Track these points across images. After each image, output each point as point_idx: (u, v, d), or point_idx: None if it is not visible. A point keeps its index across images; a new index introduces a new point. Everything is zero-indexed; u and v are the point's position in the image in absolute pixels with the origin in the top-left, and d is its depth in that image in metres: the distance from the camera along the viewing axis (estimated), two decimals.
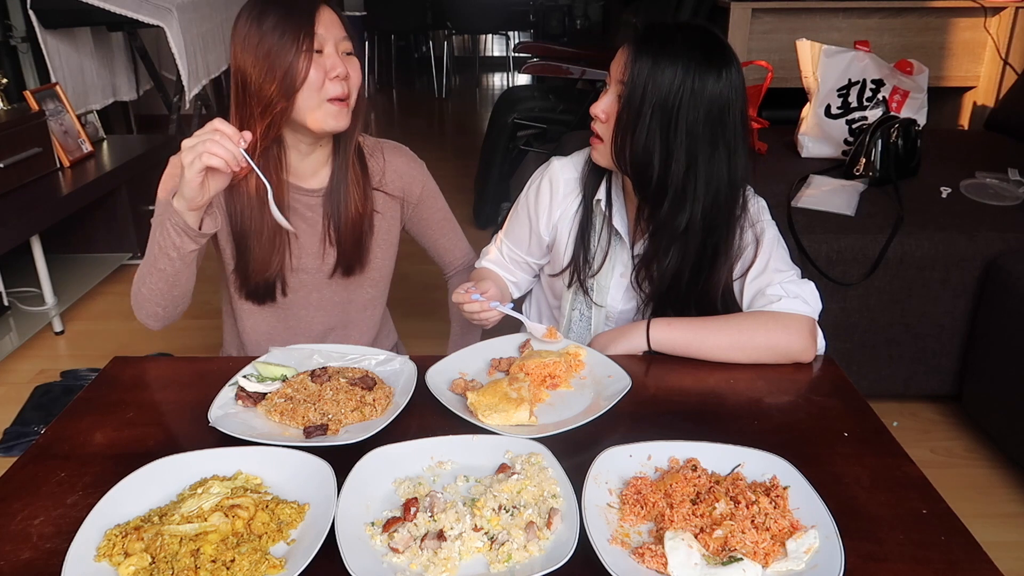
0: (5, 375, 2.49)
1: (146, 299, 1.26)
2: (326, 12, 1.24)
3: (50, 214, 2.58)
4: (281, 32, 1.20)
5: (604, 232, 1.36)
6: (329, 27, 1.23)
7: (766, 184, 2.19)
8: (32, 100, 2.79)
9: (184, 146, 1.11)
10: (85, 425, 1.04)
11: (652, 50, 1.16)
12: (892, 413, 2.20)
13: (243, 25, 1.23)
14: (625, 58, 1.18)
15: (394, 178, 1.44)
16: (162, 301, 1.26)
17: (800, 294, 1.22)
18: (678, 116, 1.16)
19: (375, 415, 1.04)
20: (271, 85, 1.20)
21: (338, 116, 1.25)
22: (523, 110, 3.50)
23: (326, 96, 1.23)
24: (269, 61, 1.20)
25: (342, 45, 1.25)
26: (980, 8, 3.03)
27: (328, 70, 1.22)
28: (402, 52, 8.07)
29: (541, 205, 1.39)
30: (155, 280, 1.23)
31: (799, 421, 1.06)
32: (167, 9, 3.21)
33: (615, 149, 1.22)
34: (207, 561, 0.77)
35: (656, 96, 1.15)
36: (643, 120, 1.17)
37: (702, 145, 1.18)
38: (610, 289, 1.38)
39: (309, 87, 1.22)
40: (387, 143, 1.48)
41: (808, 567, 0.77)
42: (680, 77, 1.15)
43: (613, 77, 1.21)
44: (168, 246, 1.19)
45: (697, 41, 1.17)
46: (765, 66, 2.57)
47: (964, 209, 2.11)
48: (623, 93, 1.18)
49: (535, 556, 0.79)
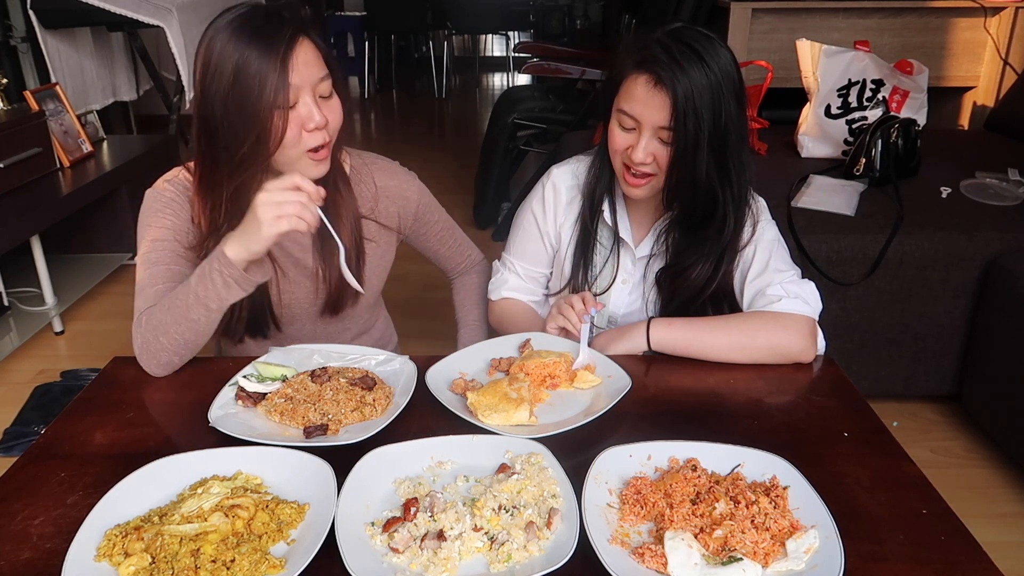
0: (5, 375, 2.49)
1: (164, 348, 1.14)
2: (302, 51, 1.10)
3: (50, 214, 2.58)
4: (254, 83, 1.07)
5: (610, 242, 1.35)
6: (306, 70, 1.11)
7: (766, 184, 2.17)
8: (32, 100, 2.79)
9: (264, 201, 1.05)
10: (85, 425, 1.04)
11: (687, 78, 1.11)
12: (892, 413, 2.19)
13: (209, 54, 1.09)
14: (663, 101, 1.12)
15: (387, 205, 1.37)
16: (183, 351, 1.16)
17: (800, 294, 1.22)
18: (727, 128, 1.14)
19: (375, 415, 1.04)
20: (241, 146, 1.11)
21: (317, 166, 1.17)
22: (523, 110, 3.50)
23: (304, 149, 1.14)
24: (241, 118, 1.09)
25: (320, 88, 1.13)
26: (980, 8, 3.03)
27: (304, 122, 1.12)
28: (402, 52, 8.07)
29: (548, 213, 1.38)
30: (183, 331, 1.13)
31: (799, 421, 1.06)
32: (167, 9, 3.21)
33: (672, 189, 1.19)
34: (207, 561, 0.77)
35: (708, 122, 1.12)
36: (701, 153, 1.14)
37: (739, 142, 1.17)
38: (611, 296, 1.38)
39: (284, 145, 1.12)
40: (376, 163, 1.38)
41: (808, 567, 0.77)
42: (715, 87, 1.12)
43: (646, 122, 1.15)
44: (210, 297, 1.11)
45: (701, 42, 1.14)
46: (765, 66, 2.57)
47: (964, 209, 2.11)
48: (676, 138, 1.14)
49: (535, 556, 0.79)
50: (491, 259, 1.54)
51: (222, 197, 1.19)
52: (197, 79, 1.13)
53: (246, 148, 1.12)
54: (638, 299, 1.38)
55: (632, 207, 1.35)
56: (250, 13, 1.12)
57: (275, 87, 1.08)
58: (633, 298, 1.38)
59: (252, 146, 1.11)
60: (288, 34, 1.09)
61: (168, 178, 1.28)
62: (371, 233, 1.36)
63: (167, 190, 1.26)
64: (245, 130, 1.11)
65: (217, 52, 1.09)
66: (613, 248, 1.35)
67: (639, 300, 1.38)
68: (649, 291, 1.36)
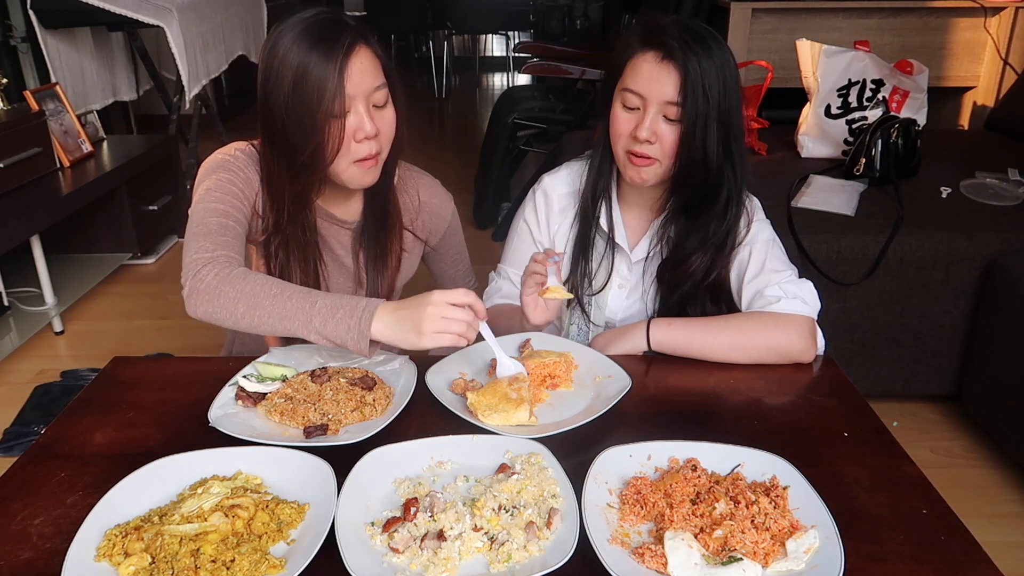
0: (5, 375, 2.49)
1: (233, 315, 1.03)
2: (358, 59, 1.10)
3: (50, 214, 2.58)
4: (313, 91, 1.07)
5: (606, 248, 1.35)
6: (360, 79, 1.10)
7: (766, 184, 2.18)
8: (32, 100, 2.79)
9: (432, 315, 0.97)
10: (85, 425, 1.04)
11: (694, 54, 1.12)
12: (892, 413, 2.19)
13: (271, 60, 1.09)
14: (671, 75, 1.13)
15: (426, 219, 1.38)
16: (243, 327, 1.05)
17: (799, 294, 1.22)
18: (731, 111, 1.15)
19: (375, 415, 1.04)
20: (301, 154, 1.11)
21: (365, 176, 1.17)
22: (523, 110, 3.50)
23: (353, 158, 1.14)
24: (301, 126, 1.09)
25: (374, 97, 1.13)
26: (980, 8, 3.03)
27: (355, 131, 1.11)
28: (402, 52, 8.07)
29: (541, 221, 1.38)
30: (263, 323, 1.03)
31: (799, 421, 1.06)
32: (167, 9, 3.21)
33: (680, 168, 1.19)
34: (207, 561, 0.77)
35: (716, 100, 1.13)
36: (710, 131, 1.15)
37: (741, 132, 1.18)
38: (608, 301, 1.37)
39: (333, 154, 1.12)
40: (422, 178, 1.39)
41: (808, 567, 0.77)
42: (721, 70, 1.13)
43: (652, 98, 1.15)
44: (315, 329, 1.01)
45: (703, 31, 1.17)
46: (765, 66, 2.57)
47: (964, 209, 2.11)
48: (685, 113, 1.14)
49: (535, 556, 0.79)
50: (492, 259, 1.54)
51: (284, 200, 1.19)
52: (260, 83, 1.13)
53: (305, 156, 1.11)
54: (636, 302, 1.37)
55: (627, 210, 1.34)
56: (313, 19, 1.11)
57: (332, 95, 1.07)
58: (631, 302, 1.37)
59: (311, 154, 1.11)
60: (347, 41, 1.09)
61: (240, 147, 1.24)
62: (407, 244, 1.38)
63: (239, 156, 1.22)
64: (305, 138, 1.10)
65: (279, 58, 1.09)
66: (606, 252, 1.35)
67: (638, 303, 1.37)
68: (649, 291, 1.36)
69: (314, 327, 1.01)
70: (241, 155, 1.22)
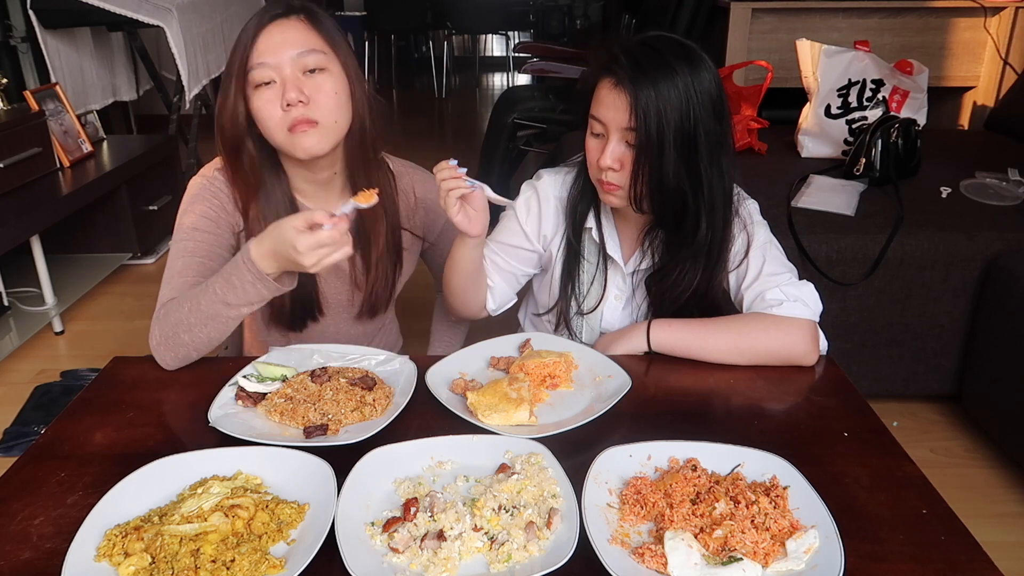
0: (5, 375, 2.49)
1: (185, 345, 1.12)
2: (278, 29, 1.11)
3: (50, 214, 2.58)
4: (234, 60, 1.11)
5: (598, 261, 1.33)
6: (281, 48, 1.10)
7: (766, 184, 2.19)
8: (32, 100, 2.79)
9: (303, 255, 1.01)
10: (85, 425, 1.04)
11: (648, 79, 1.10)
12: (892, 413, 2.19)
13: None
14: (624, 101, 1.11)
15: (423, 215, 1.37)
16: (204, 349, 1.15)
17: (800, 297, 1.21)
18: (695, 133, 1.12)
19: (375, 415, 1.04)
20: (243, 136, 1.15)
21: (305, 139, 1.13)
22: (523, 110, 3.50)
23: (286, 125, 1.12)
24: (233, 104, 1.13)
25: (304, 60, 1.11)
26: (980, 8, 3.03)
27: (281, 97, 1.11)
28: (402, 52, 8.07)
29: (531, 215, 1.35)
30: (210, 331, 1.11)
31: (799, 421, 1.06)
32: (167, 9, 3.21)
33: (637, 193, 1.16)
34: (207, 561, 0.77)
35: (674, 123, 1.11)
36: (667, 154, 1.12)
37: (715, 149, 1.15)
38: (603, 314, 1.36)
39: (264, 123, 1.13)
40: (417, 173, 1.37)
41: (808, 567, 0.77)
42: (683, 92, 1.10)
43: (611, 124, 1.14)
44: (241, 302, 1.09)
45: (673, 49, 1.13)
46: (765, 66, 2.57)
47: (964, 209, 2.11)
48: (638, 139, 1.12)
49: (535, 556, 0.79)
50: None
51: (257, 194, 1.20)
52: None
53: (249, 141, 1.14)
54: (631, 314, 1.36)
55: (621, 222, 1.32)
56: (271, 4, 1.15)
57: (245, 55, 1.11)
58: (627, 313, 1.37)
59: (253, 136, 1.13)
60: (275, 13, 1.12)
61: (218, 165, 1.24)
62: (405, 242, 1.37)
63: (216, 178, 1.23)
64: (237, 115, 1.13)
65: None
66: (599, 265, 1.33)
67: (632, 315, 1.36)
68: (641, 302, 1.35)
69: (232, 305, 1.09)
70: (219, 176, 1.24)
